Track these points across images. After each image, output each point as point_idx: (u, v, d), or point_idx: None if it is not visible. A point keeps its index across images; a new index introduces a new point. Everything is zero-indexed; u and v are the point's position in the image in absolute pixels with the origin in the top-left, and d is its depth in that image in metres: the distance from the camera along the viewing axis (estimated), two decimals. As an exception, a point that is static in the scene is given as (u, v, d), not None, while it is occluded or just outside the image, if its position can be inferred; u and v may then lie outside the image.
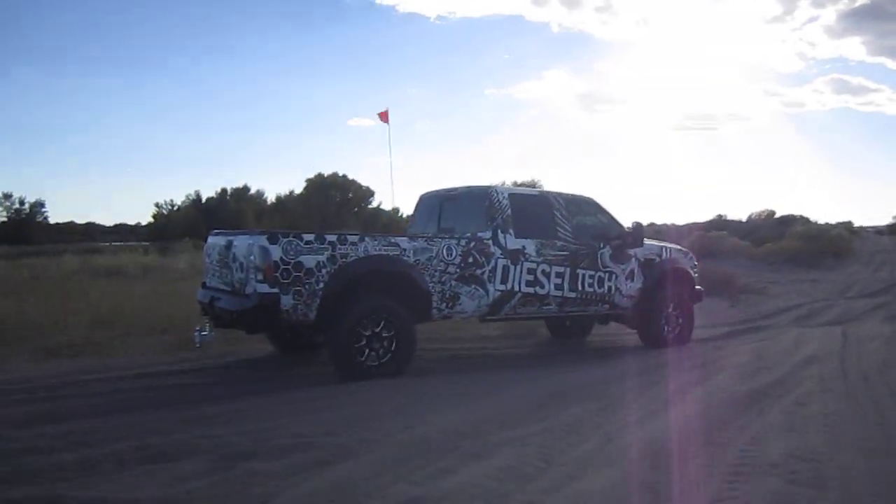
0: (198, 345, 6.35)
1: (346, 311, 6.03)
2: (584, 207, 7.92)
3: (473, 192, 7.48)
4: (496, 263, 6.95)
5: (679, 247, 8.76)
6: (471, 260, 6.81)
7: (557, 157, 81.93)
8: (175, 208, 45.48)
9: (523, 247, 7.14)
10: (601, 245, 7.74)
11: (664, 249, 8.37)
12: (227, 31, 79.43)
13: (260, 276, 5.78)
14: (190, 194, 45.30)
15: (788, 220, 38.22)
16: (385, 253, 6.34)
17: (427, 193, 8.33)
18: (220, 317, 6.31)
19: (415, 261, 6.47)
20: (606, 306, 7.87)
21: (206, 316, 6.70)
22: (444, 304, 6.69)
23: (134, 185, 76.46)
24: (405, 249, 6.46)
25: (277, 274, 5.79)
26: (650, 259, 8.12)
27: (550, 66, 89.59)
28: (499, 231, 7.04)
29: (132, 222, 56.29)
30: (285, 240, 5.87)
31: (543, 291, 7.27)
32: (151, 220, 46.18)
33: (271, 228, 7.46)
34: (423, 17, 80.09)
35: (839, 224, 37.64)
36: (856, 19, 71.36)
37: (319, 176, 47.67)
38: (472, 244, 6.85)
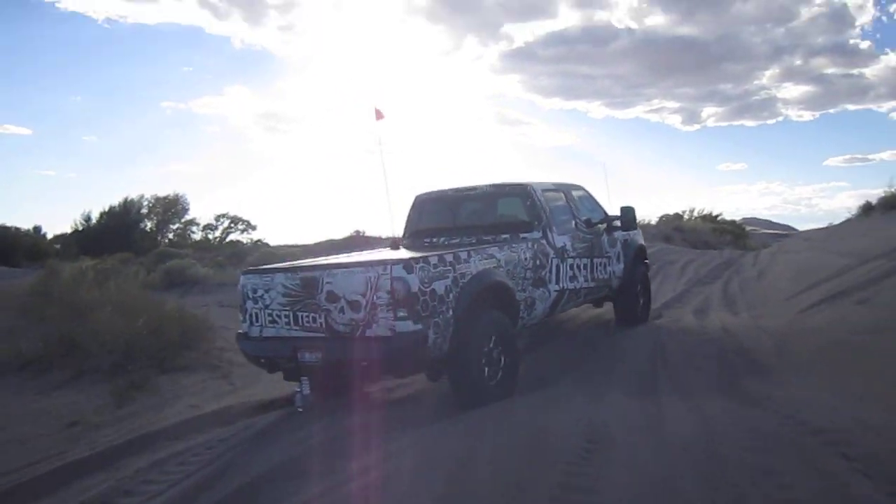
0: (300, 408, 5.08)
1: (472, 334, 5.38)
2: (580, 195, 8.07)
3: (508, 191, 7.11)
4: (552, 263, 6.78)
5: None
6: (538, 262, 6.54)
7: (235, 176, 76.10)
8: None
9: (564, 244, 7.07)
10: (601, 232, 8.00)
11: (628, 228, 8.93)
12: None
13: (402, 313, 4.84)
14: None
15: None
16: (488, 267, 5.77)
17: (427, 194, 7.64)
18: (324, 371, 5.13)
19: (507, 270, 6.01)
20: (607, 290, 8.19)
21: (271, 371, 5.41)
22: (526, 312, 6.35)
23: None
24: (499, 260, 5.95)
25: (419, 307, 4.91)
26: (626, 240, 8.64)
27: (233, 82, 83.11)
28: (546, 230, 6.85)
29: None
30: (419, 266, 4.99)
31: (578, 285, 7.31)
32: None
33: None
34: (89, 19, 66.01)
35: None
36: (513, 60, 77.64)
37: None
38: (537, 245, 6.58)
